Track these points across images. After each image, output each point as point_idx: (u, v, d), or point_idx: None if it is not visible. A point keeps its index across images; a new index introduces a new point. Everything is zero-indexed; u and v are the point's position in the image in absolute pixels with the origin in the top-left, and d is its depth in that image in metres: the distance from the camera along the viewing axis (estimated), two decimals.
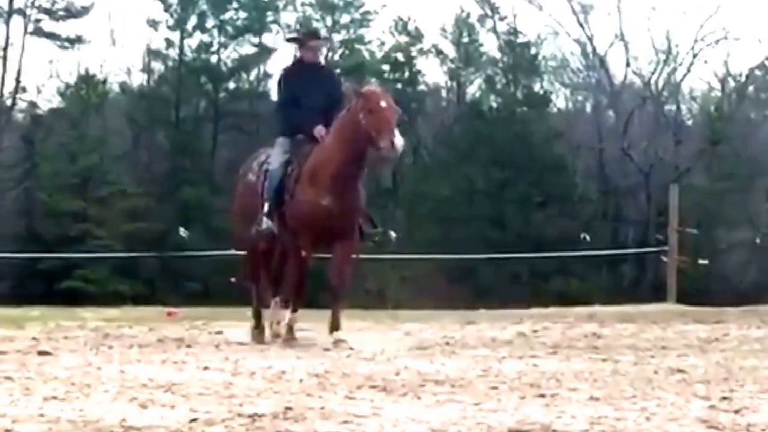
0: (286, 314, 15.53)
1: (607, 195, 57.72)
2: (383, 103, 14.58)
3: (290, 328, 15.38)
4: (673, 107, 63.22)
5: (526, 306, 23.42)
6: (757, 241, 43.86)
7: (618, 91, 60.88)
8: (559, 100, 64.22)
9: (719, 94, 65.04)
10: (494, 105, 59.17)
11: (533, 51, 60.62)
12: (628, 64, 61.06)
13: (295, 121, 15.59)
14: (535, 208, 52.68)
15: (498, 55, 60.15)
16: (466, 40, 61.33)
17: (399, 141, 14.19)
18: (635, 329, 17.61)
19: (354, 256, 15.91)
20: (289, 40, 16.79)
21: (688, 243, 29.84)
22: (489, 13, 59.05)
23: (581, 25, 60.83)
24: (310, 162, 15.10)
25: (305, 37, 16.57)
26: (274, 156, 15.60)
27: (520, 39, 60.11)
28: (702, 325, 18.65)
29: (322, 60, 16.82)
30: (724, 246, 44.94)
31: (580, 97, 63.52)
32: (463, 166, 54.02)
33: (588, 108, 62.78)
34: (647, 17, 64.02)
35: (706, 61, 63.38)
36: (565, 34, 60.97)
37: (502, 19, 59.78)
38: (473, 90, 62.55)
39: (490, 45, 60.83)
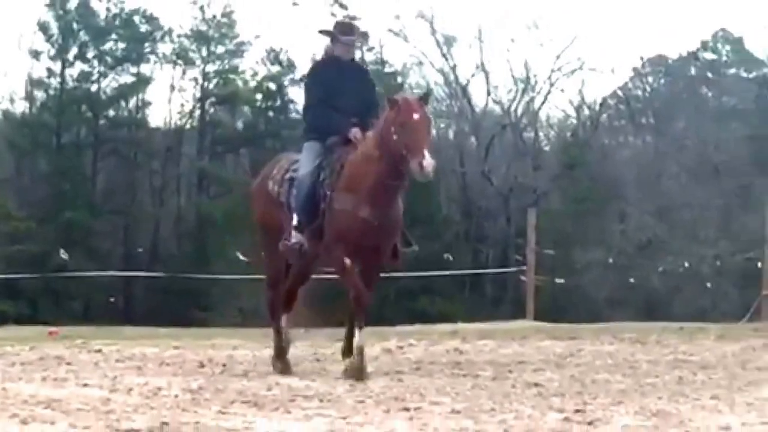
0: (355, 336, 13.27)
1: (469, 217, 58.04)
2: (416, 116, 12.71)
3: (361, 350, 13.15)
4: (531, 134, 63.80)
5: (392, 324, 23.39)
6: (610, 260, 44.28)
7: (479, 118, 61.34)
8: None
9: (575, 121, 65.67)
10: None
11: (399, 80, 60.88)
12: (488, 93, 61.60)
13: (326, 123, 13.56)
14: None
15: None
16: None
17: (429, 162, 12.36)
18: (495, 345, 17.66)
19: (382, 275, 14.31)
20: (322, 32, 13.79)
21: (546, 263, 30.08)
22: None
23: (444, 56, 61.29)
24: (348, 168, 13.16)
25: (339, 31, 13.99)
26: (304, 161, 13.53)
27: (387, 69, 60.35)
28: (558, 341, 18.75)
29: (356, 57, 14.78)
30: (580, 265, 45.29)
31: (443, 124, 63.87)
32: None
33: (451, 134, 63.13)
34: (506, 48, 64.63)
35: (562, 90, 64.04)
36: (429, 64, 61.35)
37: (369, 49, 59.97)
38: None
39: None
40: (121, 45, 65.49)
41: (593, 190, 56.77)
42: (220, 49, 66.27)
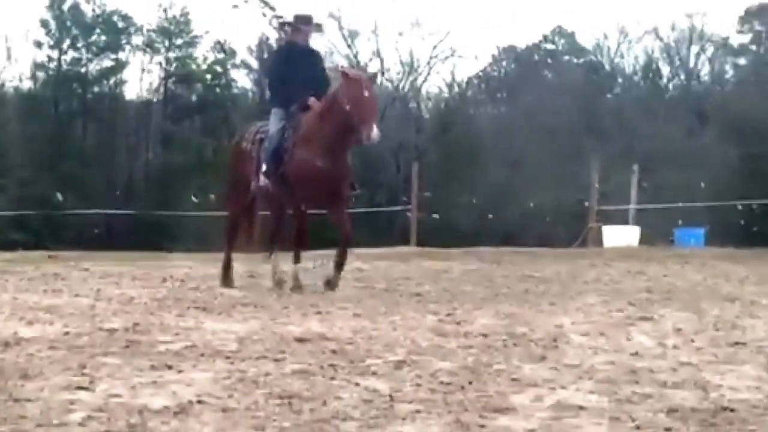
0: (288, 264, 13.43)
1: (367, 168, 58.02)
2: (366, 93, 12.26)
3: (296, 277, 13.23)
4: (415, 105, 63.94)
5: (310, 249, 23.27)
6: (474, 201, 44.42)
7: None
8: None
9: (447, 95, 65.76)
10: None
11: None
12: (382, 74, 61.61)
13: (288, 94, 13.06)
14: None
15: None
16: (266, 56, 61.08)
17: (375, 133, 12.03)
18: (387, 265, 17.72)
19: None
20: (282, 24, 13.26)
21: (425, 203, 30.14)
22: (282, 36, 58.81)
23: (349, 46, 61.30)
24: (304, 129, 12.77)
25: (299, 21, 13.55)
26: (272, 123, 13.12)
27: None
28: (434, 261, 18.83)
29: (311, 44, 13.79)
30: (451, 205, 45.40)
31: None
32: None
33: None
34: (396, 40, 65.32)
35: (438, 72, 64.38)
36: (338, 52, 61.21)
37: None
38: None
39: None
40: (104, 37, 65.38)
41: (461, 147, 56.98)
42: (179, 41, 66.33)
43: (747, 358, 8.27)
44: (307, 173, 12.58)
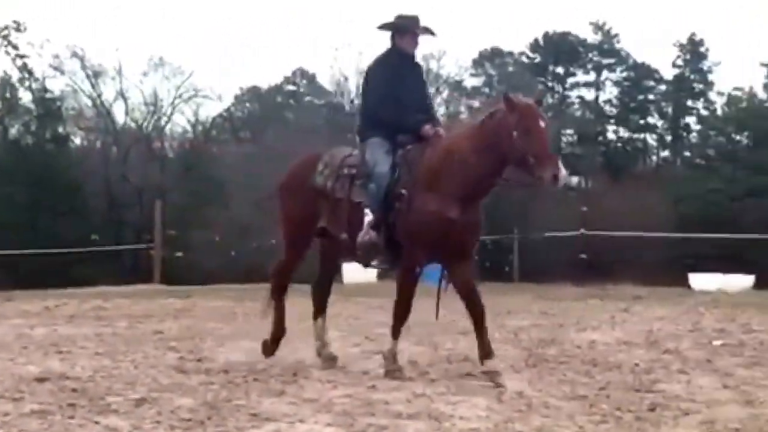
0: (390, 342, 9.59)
1: (112, 208, 57.31)
2: (543, 123, 9.01)
3: (394, 357, 9.51)
4: (159, 144, 63.51)
5: (54, 288, 22.80)
6: (217, 239, 44.31)
7: (120, 133, 60.68)
8: (77, 140, 63.64)
9: (192, 135, 65.51)
10: (30, 142, 57.60)
11: (58, 104, 59.29)
12: (126, 114, 61.10)
13: (395, 120, 9.75)
14: (61, 217, 51.41)
15: (33, 106, 58.46)
16: (9, 95, 59.36)
17: (563, 174, 8.83)
18: (129, 303, 17.51)
19: None
20: (383, 26, 9.90)
21: (169, 242, 29.93)
22: (27, 76, 57.23)
23: (93, 85, 60.25)
24: (427, 165, 9.42)
25: (408, 23, 10.10)
26: (374, 157, 9.65)
27: (49, 95, 58.58)
28: (177, 299, 18.70)
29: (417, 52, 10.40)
30: (195, 243, 45.11)
31: (92, 137, 62.94)
32: (8, 186, 52.19)
33: (98, 145, 62.19)
34: (140, 80, 65.03)
35: (182, 112, 64.03)
36: (81, 91, 60.13)
37: (36, 80, 58.04)
38: (14, 131, 60.54)
39: (26, 98, 59.14)
40: None
41: (205, 186, 56.87)
42: None
43: (478, 390, 8.53)
44: (431, 228, 9.22)
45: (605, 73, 70.06)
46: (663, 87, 69.57)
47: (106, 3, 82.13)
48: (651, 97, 69.87)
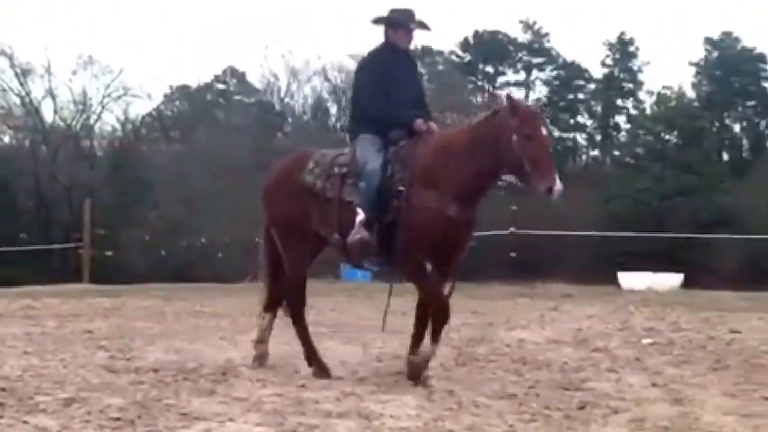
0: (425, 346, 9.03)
1: (41, 207, 56.78)
2: (544, 131, 8.72)
3: (427, 362, 9.05)
4: (88, 143, 62.93)
5: None
6: (147, 238, 44.10)
7: (48, 131, 60.06)
8: (6, 138, 62.97)
9: (121, 133, 64.96)
10: None
11: None
12: (55, 113, 60.52)
13: (388, 116, 9.36)
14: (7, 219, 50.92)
15: None
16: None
17: (559, 188, 8.51)
18: (58, 302, 17.28)
19: None
20: (377, 20, 9.46)
21: (98, 241, 29.71)
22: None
23: (21, 84, 59.57)
24: (424, 162, 9.05)
25: (402, 16, 9.69)
26: (364, 154, 9.24)
27: None
28: (107, 298, 18.52)
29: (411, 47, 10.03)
30: (125, 242, 44.83)
31: (20, 136, 62.23)
32: None
33: (27, 144, 61.49)
34: (69, 78, 64.27)
35: (111, 111, 63.49)
36: (10, 89, 59.47)
37: None
38: None
39: None
40: None
41: (135, 185, 56.52)
42: None
43: (408, 389, 8.58)
44: (436, 226, 8.85)
45: (535, 72, 70.67)
46: (592, 86, 70.22)
47: (34, 1, 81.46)
48: (581, 96, 70.52)
